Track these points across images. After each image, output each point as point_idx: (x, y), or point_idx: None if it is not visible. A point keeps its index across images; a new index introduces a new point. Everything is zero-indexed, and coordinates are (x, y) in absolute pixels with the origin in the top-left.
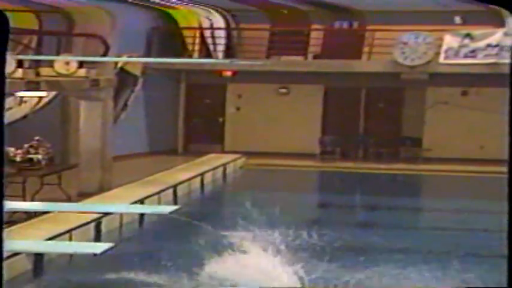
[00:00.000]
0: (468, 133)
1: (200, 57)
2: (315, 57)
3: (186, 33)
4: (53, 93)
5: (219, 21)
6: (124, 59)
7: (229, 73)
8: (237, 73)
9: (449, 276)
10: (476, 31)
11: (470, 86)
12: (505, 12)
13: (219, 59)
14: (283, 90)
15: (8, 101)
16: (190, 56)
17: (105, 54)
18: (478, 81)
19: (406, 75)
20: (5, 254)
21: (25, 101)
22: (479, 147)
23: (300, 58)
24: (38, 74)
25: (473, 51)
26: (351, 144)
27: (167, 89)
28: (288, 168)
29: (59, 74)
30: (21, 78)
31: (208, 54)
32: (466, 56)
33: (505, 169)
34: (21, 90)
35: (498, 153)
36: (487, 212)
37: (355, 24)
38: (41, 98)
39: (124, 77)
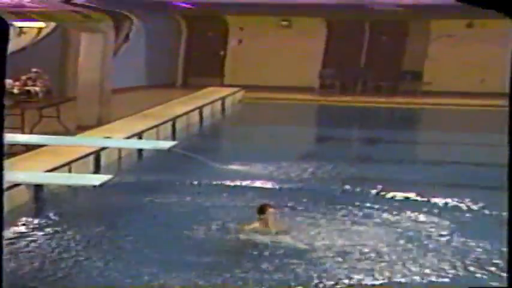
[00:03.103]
0: (469, 66)
1: None
2: None
3: None
4: (53, 24)
5: None
6: None
7: None
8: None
9: (473, 200)
10: None
11: (475, 18)
12: None
13: None
14: (285, 23)
15: None
16: None
17: None
18: (483, 13)
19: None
20: (6, 185)
21: (24, 32)
22: (479, 80)
23: None
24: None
25: None
26: (350, 78)
27: (170, 21)
28: (287, 101)
29: None
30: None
31: None
32: None
33: (504, 102)
34: (19, 20)
35: (499, 87)
36: (487, 146)
37: None
38: (40, 29)
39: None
